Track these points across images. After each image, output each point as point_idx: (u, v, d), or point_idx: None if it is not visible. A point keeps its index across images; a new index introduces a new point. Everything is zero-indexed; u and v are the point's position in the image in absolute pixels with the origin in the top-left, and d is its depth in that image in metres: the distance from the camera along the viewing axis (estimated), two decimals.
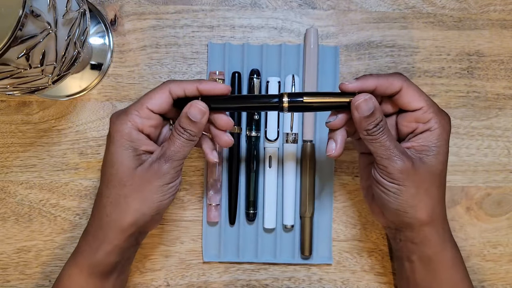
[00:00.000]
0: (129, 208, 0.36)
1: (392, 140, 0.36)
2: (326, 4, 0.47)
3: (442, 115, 0.37)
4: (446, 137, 0.37)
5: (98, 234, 0.37)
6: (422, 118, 0.37)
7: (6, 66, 0.32)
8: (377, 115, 0.35)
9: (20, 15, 0.30)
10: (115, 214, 0.36)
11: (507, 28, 0.47)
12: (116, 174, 0.36)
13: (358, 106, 0.35)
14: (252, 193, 0.45)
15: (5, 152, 0.46)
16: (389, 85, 0.36)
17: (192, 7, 0.46)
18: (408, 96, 0.37)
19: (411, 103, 0.37)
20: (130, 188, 0.36)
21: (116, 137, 0.36)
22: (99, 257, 0.37)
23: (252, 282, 0.46)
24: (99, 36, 0.46)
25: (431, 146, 0.36)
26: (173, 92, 0.36)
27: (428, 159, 0.36)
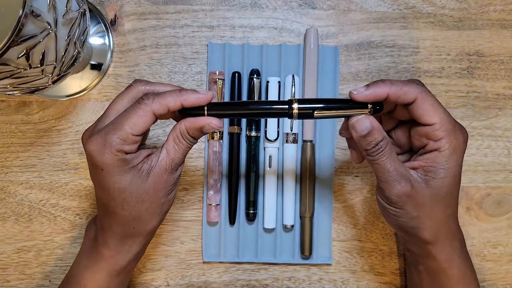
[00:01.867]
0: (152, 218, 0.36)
1: (392, 161, 0.34)
2: (326, 4, 0.47)
3: (455, 135, 0.34)
4: (456, 159, 0.34)
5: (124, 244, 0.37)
6: (432, 135, 0.34)
7: (6, 66, 0.32)
8: (375, 135, 0.34)
9: (20, 15, 0.30)
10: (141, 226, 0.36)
11: (507, 28, 0.47)
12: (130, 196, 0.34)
13: (352, 126, 0.34)
14: (252, 193, 0.45)
15: (5, 152, 0.46)
16: (402, 94, 0.34)
17: (192, 7, 0.46)
18: (422, 109, 0.34)
19: (423, 117, 0.34)
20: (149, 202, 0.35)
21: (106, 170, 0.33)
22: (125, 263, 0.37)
23: (252, 282, 0.46)
24: (99, 36, 0.46)
25: (438, 168, 0.34)
26: (157, 113, 0.33)
27: (434, 182, 0.34)
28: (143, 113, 0.33)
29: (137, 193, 0.34)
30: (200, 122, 0.34)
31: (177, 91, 0.34)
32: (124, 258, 0.37)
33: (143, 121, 0.33)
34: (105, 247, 0.37)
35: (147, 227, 0.36)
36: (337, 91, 0.46)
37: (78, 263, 0.39)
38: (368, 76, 0.47)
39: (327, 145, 0.46)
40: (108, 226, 0.36)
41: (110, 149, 0.32)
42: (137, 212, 0.35)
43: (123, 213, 0.35)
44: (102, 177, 0.34)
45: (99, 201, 0.36)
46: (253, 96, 0.45)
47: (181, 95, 0.34)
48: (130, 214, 0.35)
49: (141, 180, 0.34)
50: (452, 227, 0.37)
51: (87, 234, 0.40)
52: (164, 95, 0.34)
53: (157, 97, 0.33)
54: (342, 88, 0.47)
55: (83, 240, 0.40)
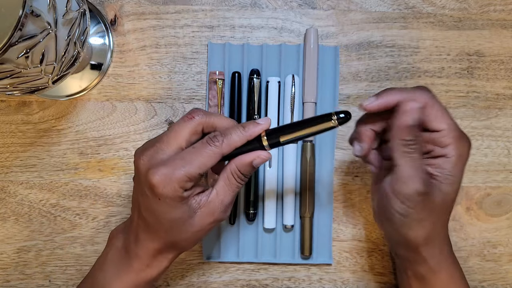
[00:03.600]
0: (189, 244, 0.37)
1: (418, 160, 0.34)
2: (326, 4, 0.47)
3: (462, 142, 0.35)
4: (461, 166, 0.35)
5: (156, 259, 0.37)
6: (440, 141, 0.34)
7: (6, 66, 0.32)
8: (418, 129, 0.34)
9: (20, 15, 0.30)
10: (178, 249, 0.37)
11: (507, 28, 0.47)
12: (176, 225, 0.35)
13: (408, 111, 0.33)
14: (252, 193, 0.45)
15: (5, 152, 0.46)
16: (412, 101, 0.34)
17: (192, 7, 0.46)
18: (430, 115, 0.34)
19: (432, 123, 0.34)
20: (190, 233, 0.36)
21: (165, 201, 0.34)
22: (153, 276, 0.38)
23: (252, 282, 0.46)
24: (99, 36, 0.46)
25: (445, 174, 0.34)
26: (225, 154, 0.35)
27: (444, 187, 0.34)
28: (213, 155, 0.34)
29: (184, 225, 0.35)
30: (249, 157, 0.35)
31: (241, 128, 0.35)
32: (153, 272, 0.37)
33: (211, 163, 0.34)
34: (137, 260, 0.37)
35: (184, 248, 0.38)
36: (337, 91, 0.46)
37: (104, 270, 0.38)
38: (368, 76, 0.47)
39: (327, 145, 0.46)
40: (144, 241, 0.37)
41: (174, 184, 0.33)
42: (180, 238, 0.36)
43: (167, 236, 0.36)
44: (155, 205, 0.34)
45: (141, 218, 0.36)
46: (253, 96, 0.45)
47: (246, 132, 0.35)
48: (173, 238, 0.36)
49: (189, 215, 0.35)
50: (443, 232, 0.37)
51: (114, 243, 0.39)
52: (231, 136, 0.34)
53: (226, 139, 0.34)
54: (342, 88, 0.47)
55: (109, 248, 0.39)
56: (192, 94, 0.46)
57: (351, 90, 0.47)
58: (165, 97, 0.46)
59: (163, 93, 0.46)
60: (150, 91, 0.46)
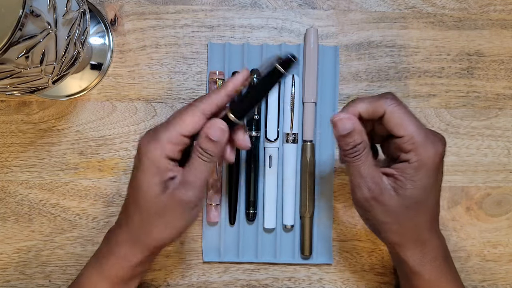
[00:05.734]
0: (153, 233, 0.36)
1: (367, 166, 0.35)
2: (326, 4, 0.47)
3: (426, 148, 0.34)
4: (426, 172, 0.34)
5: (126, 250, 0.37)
6: (402, 147, 0.35)
7: (6, 66, 0.32)
8: (354, 137, 0.34)
9: (20, 15, 0.30)
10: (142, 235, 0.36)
11: (507, 28, 0.47)
12: (142, 198, 0.35)
13: (334, 123, 0.35)
14: (252, 193, 0.45)
15: (5, 152, 0.46)
16: (373, 110, 0.35)
17: (192, 7, 0.46)
18: (391, 122, 0.35)
19: (393, 130, 0.35)
20: (155, 215, 0.35)
21: (145, 163, 0.35)
22: (126, 269, 0.37)
23: (252, 282, 0.46)
24: (99, 36, 0.46)
25: (407, 178, 0.34)
26: (206, 112, 0.35)
27: (401, 192, 0.35)
28: (191, 112, 0.35)
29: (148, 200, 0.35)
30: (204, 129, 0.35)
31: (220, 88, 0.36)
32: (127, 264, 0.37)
33: (191, 120, 0.35)
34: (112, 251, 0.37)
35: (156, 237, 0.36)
36: (337, 91, 0.46)
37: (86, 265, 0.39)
38: (368, 76, 0.47)
39: (327, 145, 0.46)
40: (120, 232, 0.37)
41: (154, 145, 0.34)
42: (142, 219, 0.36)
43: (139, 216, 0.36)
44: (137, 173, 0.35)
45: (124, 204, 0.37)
46: None
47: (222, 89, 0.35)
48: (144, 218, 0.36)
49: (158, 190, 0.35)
50: (423, 235, 0.37)
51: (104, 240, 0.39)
52: (208, 94, 0.36)
53: (204, 97, 0.36)
54: (342, 88, 0.47)
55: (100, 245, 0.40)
56: (192, 94, 0.46)
57: (351, 90, 0.47)
58: (165, 97, 0.46)
59: (163, 93, 0.46)
60: (150, 91, 0.46)
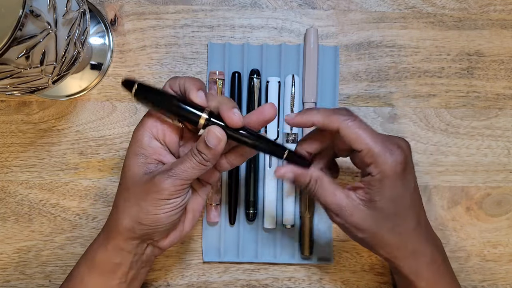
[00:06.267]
0: (126, 213, 0.35)
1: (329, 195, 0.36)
2: (326, 4, 0.47)
3: (385, 158, 0.34)
4: (391, 182, 0.34)
5: (104, 232, 0.37)
6: (363, 161, 0.35)
7: (6, 66, 0.32)
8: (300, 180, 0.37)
9: (20, 15, 0.30)
10: (115, 215, 0.36)
11: (507, 28, 0.47)
12: (123, 177, 0.36)
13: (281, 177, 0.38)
14: (252, 193, 0.45)
15: (5, 152, 0.46)
16: (327, 123, 0.35)
17: (192, 7, 0.46)
18: (347, 137, 0.34)
19: (351, 144, 0.34)
20: (131, 194, 0.35)
21: (131, 142, 0.35)
22: (100, 253, 0.37)
23: (252, 282, 0.46)
24: (99, 36, 0.46)
25: (374, 190, 0.35)
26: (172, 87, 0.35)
27: (372, 205, 0.35)
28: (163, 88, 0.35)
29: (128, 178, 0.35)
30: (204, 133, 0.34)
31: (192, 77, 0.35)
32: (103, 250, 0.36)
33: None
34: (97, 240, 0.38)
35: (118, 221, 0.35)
36: (337, 91, 0.46)
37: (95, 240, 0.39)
38: (368, 76, 0.47)
39: None
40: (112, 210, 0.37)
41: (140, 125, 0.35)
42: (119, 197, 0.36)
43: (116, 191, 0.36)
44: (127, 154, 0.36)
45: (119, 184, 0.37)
46: (253, 96, 0.45)
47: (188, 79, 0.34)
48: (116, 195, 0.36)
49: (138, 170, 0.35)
50: (410, 244, 0.36)
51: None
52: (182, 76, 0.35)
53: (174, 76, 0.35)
54: (342, 88, 0.47)
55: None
56: None
57: (351, 90, 0.47)
58: None
59: None
60: None
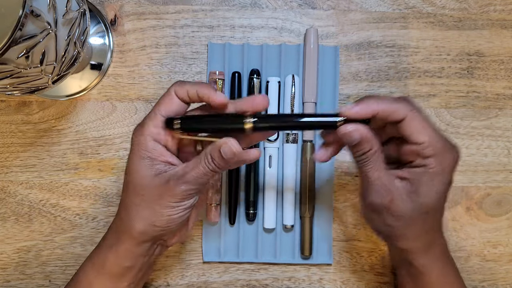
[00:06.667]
0: (139, 217, 0.35)
1: (377, 171, 0.35)
2: (326, 4, 0.47)
3: (444, 154, 0.34)
4: (442, 179, 0.34)
5: (113, 235, 0.37)
6: (421, 153, 0.34)
7: (6, 66, 0.32)
8: (363, 145, 0.34)
9: (20, 15, 0.30)
10: (126, 219, 0.36)
11: (507, 28, 0.47)
12: (131, 181, 0.35)
13: (342, 136, 0.34)
14: (252, 193, 0.45)
15: (5, 152, 0.46)
16: (391, 113, 0.34)
17: (192, 7, 0.46)
18: (411, 127, 0.34)
19: (412, 136, 0.34)
20: (143, 198, 0.35)
21: (134, 147, 0.35)
22: (111, 257, 0.37)
23: (252, 282, 0.46)
24: (99, 36, 0.46)
25: (422, 184, 0.34)
26: (178, 94, 0.35)
27: (416, 197, 0.34)
28: (166, 94, 0.35)
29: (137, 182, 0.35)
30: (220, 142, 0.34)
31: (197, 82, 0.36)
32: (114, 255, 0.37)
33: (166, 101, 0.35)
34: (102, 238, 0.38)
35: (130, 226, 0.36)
36: (337, 91, 0.46)
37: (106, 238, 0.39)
38: (368, 76, 0.47)
39: None
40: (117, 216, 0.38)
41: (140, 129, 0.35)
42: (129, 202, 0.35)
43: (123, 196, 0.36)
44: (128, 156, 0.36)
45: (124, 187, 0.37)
46: None
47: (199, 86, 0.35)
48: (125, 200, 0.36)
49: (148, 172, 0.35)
50: (431, 237, 0.37)
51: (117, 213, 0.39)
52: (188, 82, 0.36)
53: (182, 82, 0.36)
54: (342, 88, 0.47)
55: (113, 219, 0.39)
56: None
57: (351, 90, 0.47)
58: None
59: (163, 93, 0.46)
60: (150, 91, 0.46)
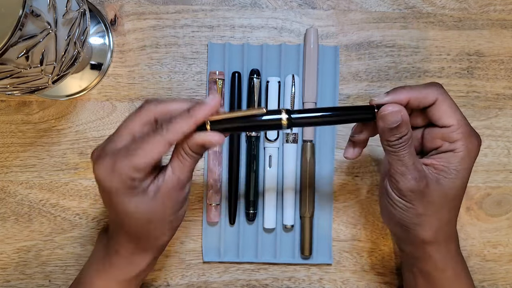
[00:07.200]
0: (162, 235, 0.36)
1: (412, 156, 0.34)
2: (326, 4, 0.47)
3: (471, 139, 0.35)
4: (469, 162, 0.35)
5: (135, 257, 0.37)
6: (449, 137, 0.34)
7: (6, 66, 0.32)
8: (402, 128, 0.34)
9: (20, 15, 0.30)
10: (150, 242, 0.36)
11: (507, 28, 0.47)
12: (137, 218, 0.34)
13: (384, 117, 0.34)
14: (252, 193, 0.45)
15: (5, 152, 0.46)
16: (422, 98, 0.34)
17: (192, 7, 0.46)
18: (441, 111, 0.34)
19: (441, 119, 0.34)
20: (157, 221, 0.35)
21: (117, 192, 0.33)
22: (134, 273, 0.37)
23: (252, 282, 0.46)
24: (99, 36, 0.46)
25: (451, 168, 0.34)
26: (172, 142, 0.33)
27: (445, 182, 0.35)
28: (157, 143, 0.32)
29: (144, 214, 0.34)
30: (199, 139, 0.33)
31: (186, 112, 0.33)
32: (135, 269, 0.37)
33: (157, 151, 0.32)
34: (117, 256, 0.37)
35: (157, 243, 0.37)
36: (337, 91, 0.46)
37: (88, 269, 0.39)
38: (368, 76, 0.47)
39: (327, 145, 0.46)
40: (120, 239, 0.36)
41: (119, 176, 0.32)
42: (146, 231, 0.35)
43: (135, 230, 0.35)
44: (110, 199, 0.34)
45: (109, 216, 0.37)
46: (253, 96, 0.45)
47: (191, 117, 0.33)
48: (139, 232, 0.35)
49: (147, 201, 0.34)
50: (451, 229, 0.37)
51: (99, 242, 0.40)
52: (176, 121, 0.33)
53: (171, 125, 0.32)
54: (342, 88, 0.47)
55: (95, 246, 0.40)
56: (192, 94, 0.46)
57: (351, 90, 0.47)
58: (165, 97, 0.46)
59: (163, 93, 0.46)
60: (150, 91, 0.46)
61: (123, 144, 0.33)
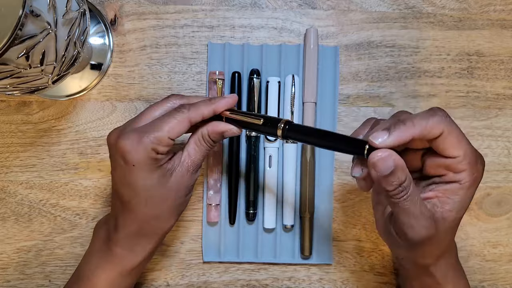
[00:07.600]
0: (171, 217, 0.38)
1: (417, 203, 0.31)
2: (326, 4, 0.47)
3: (477, 167, 0.32)
4: (474, 190, 0.33)
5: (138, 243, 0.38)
6: (454, 168, 0.32)
7: (6, 66, 0.32)
8: (398, 174, 0.30)
9: (20, 15, 0.30)
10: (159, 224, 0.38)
11: (507, 28, 0.47)
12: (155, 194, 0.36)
13: (374, 164, 0.30)
14: (252, 193, 0.45)
15: (5, 152, 0.46)
16: (427, 133, 0.31)
17: (192, 7, 0.46)
18: (446, 143, 0.31)
19: (447, 150, 0.32)
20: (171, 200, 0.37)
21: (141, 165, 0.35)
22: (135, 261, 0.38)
23: (252, 282, 0.46)
24: (99, 36, 0.46)
25: (456, 200, 0.32)
26: (192, 121, 0.36)
27: (451, 215, 0.32)
28: (180, 119, 0.35)
29: (162, 191, 0.36)
30: (221, 127, 0.37)
31: (207, 100, 0.37)
32: (137, 257, 0.38)
33: (179, 127, 0.35)
34: (119, 246, 0.38)
35: (165, 226, 0.38)
36: (337, 91, 0.46)
37: (88, 262, 0.39)
38: (368, 76, 0.47)
39: None
40: (123, 224, 0.37)
41: (145, 147, 0.34)
42: (159, 210, 0.37)
43: (145, 210, 0.36)
44: (130, 173, 0.35)
45: (118, 198, 0.37)
46: (253, 96, 0.45)
47: (212, 104, 0.37)
48: (152, 211, 0.37)
49: (165, 179, 0.36)
50: (450, 247, 0.37)
51: (97, 234, 0.40)
52: (198, 104, 0.37)
53: (193, 107, 0.36)
54: (342, 88, 0.47)
55: (92, 241, 0.40)
56: (192, 94, 0.46)
57: (351, 90, 0.47)
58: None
59: (163, 93, 0.46)
60: (150, 91, 0.46)
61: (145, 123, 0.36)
